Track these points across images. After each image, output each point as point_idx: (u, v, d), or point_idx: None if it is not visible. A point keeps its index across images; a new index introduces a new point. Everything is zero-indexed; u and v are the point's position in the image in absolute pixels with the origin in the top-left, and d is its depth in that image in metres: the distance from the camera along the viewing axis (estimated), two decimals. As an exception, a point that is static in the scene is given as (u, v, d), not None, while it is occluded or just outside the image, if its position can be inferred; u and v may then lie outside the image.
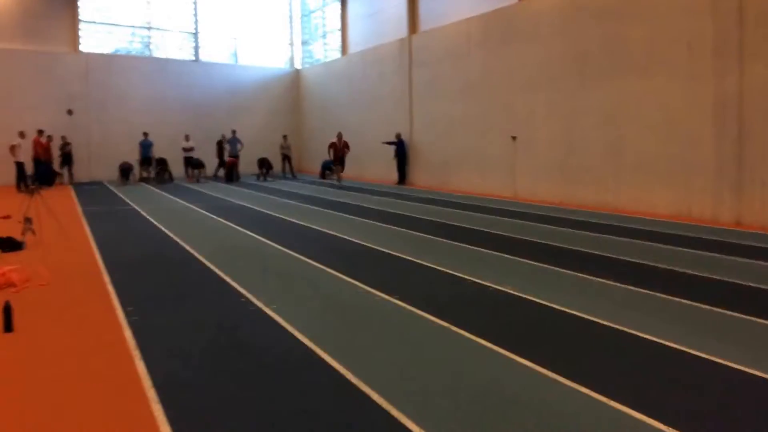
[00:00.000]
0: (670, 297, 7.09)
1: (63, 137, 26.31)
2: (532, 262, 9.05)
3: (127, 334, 5.93)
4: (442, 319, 6.31)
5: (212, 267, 9.01)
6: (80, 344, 5.69)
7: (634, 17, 14.97)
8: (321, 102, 31.38)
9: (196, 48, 31.29)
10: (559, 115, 17.22)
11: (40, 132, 25.28)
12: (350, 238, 11.38)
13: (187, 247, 10.61)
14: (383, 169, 25.84)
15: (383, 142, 25.10)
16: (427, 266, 8.89)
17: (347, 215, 14.75)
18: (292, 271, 8.70)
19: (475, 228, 12.57)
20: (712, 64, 13.40)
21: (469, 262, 9.17)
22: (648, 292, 7.33)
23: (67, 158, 26.10)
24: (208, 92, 31.18)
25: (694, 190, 13.89)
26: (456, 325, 6.07)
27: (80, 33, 28.20)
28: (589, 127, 16.30)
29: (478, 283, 7.86)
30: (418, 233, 11.96)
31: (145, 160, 26.97)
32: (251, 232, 12.34)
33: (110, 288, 7.86)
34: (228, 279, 8.24)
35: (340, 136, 24.16)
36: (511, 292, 7.39)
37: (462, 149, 21.18)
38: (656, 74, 14.53)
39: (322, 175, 28.06)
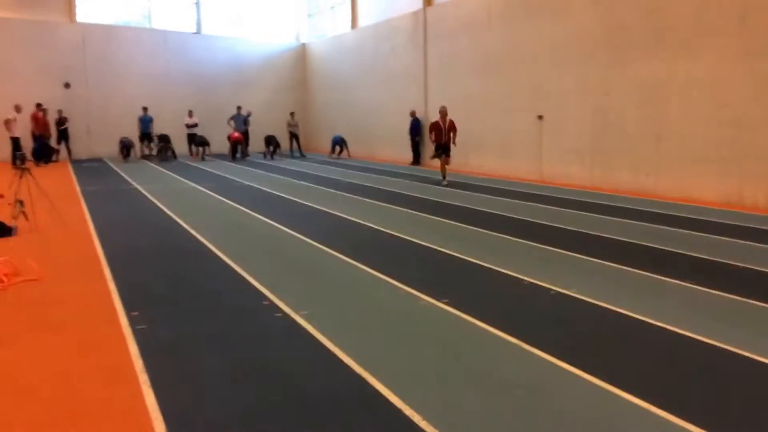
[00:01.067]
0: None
1: (59, 111, 25.06)
2: (567, 252, 8.03)
3: (133, 350, 4.88)
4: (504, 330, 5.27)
5: (227, 260, 7.96)
6: (74, 365, 4.64)
7: None
8: (329, 78, 30.12)
9: (199, 20, 29.98)
10: (591, 94, 16.04)
11: (39, 106, 24.11)
12: (374, 225, 10.31)
13: (197, 235, 9.55)
14: (396, 149, 24.66)
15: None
16: (466, 260, 7.85)
17: (365, 198, 13.66)
18: (317, 266, 7.65)
19: (530, 218, 11.50)
20: None
21: (533, 260, 8.13)
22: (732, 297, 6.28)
23: (63, 133, 24.88)
24: (211, 66, 29.90)
25: (747, 177, 12.75)
26: (528, 343, 5.02)
27: (77, 2, 26.87)
28: (625, 107, 15.14)
29: (552, 289, 6.82)
30: (447, 220, 10.91)
31: (145, 135, 25.89)
32: (265, 216, 11.26)
33: (111, 285, 6.81)
34: (246, 275, 7.20)
35: (444, 112, 16.69)
36: (614, 309, 6.34)
37: (482, 129, 20.03)
38: (704, 49, 13.34)
39: (333, 152, 26.86)
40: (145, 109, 25.97)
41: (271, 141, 26.41)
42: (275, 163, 24.17)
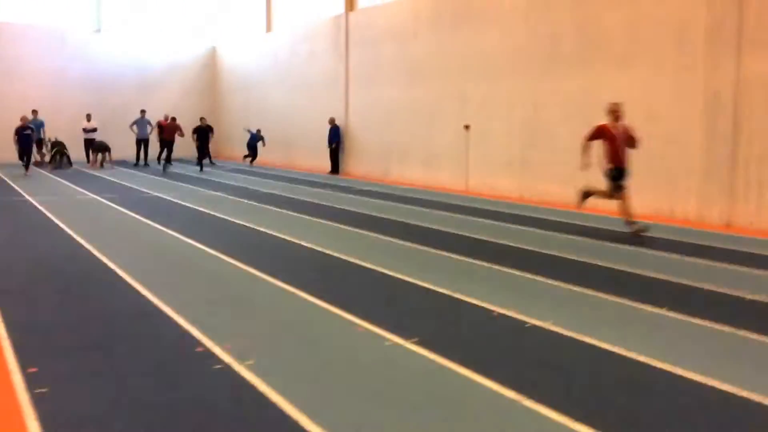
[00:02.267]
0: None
1: None
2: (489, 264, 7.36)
3: (32, 426, 3.74)
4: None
5: (141, 289, 6.79)
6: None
7: (613, 0, 13.49)
8: (241, 82, 28.75)
9: (99, 17, 27.99)
10: (520, 105, 15.60)
11: None
12: (306, 243, 9.32)
13: (102, 257, 8.28)
14: (314, 157, 23.63)
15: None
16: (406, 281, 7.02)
17: (290, 211, 12.63)
18: (249, 295, 6.65)
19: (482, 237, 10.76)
20: (704, 53, 12.05)
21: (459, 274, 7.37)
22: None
23: None
24: (113, 67, 27.95)
25: (678, 191, 12.59)
26: (533, 398, 4.21)
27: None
28: (555, 120, 14.76)
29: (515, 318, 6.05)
30: (383, 236, 10.05)
31: (36, 141, 23.38)
32: (178, 233, 10.05)
33: (1, 329, 5.55)
34: (166, 309, 6.08)
35: (616, 111, 10.78)
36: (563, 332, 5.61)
37: (406, 138, 19.34)
38: (638, 64, 13.08)
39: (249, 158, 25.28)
40: (35, 111, 23.58)
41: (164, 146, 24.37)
42: (179, 170, 22.66)
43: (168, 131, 23.92)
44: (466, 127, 17.00)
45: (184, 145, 25.94)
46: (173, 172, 22.17)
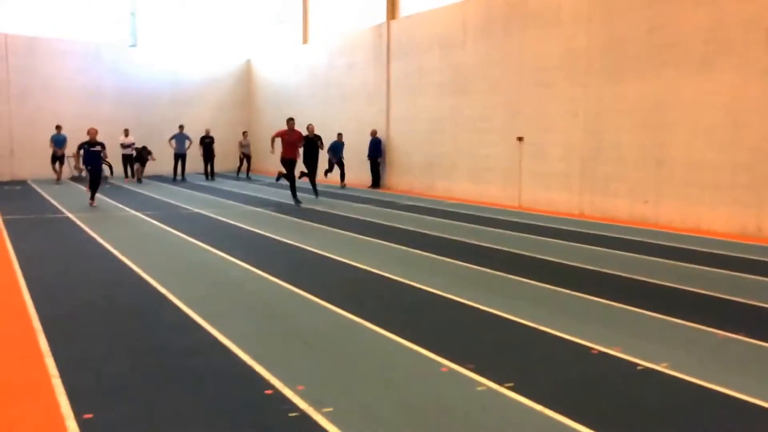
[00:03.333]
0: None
1: None
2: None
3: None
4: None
5: (197, 318, 6.11)
6: None
7: (691, 0, 12.55)
8: (277, 95, 28.25)
9: (134, 32, 27.73)
10: (580, 116, 14.75)
11: None
12: (368, 267, 8.59)
13: (153, 282, 7.60)
14: (354, 171, 22.93)
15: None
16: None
17: (338, 230, 11.95)
18: (316, 328, 5.91)
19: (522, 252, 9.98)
20: None
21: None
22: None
23: None
24: (148, 82, 27.63)
25: (766, 206, 11.56)
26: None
27: (-1, 9, 24.42)
28: (621, 130, 13.86)
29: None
30: (450, 259, 9.30)
31: (59, 157, 22.90)
32: (230, 254, 9.38)
33: (51, 366, 4.87)
34: (228, 343, 5.41)
35: None
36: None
37: (451, 150, 18.59)
38: (719, 67, 12.09)
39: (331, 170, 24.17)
40: (58, 127, 23.15)
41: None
42: (218, 185, 22.15)
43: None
44: (519, 138, 16.19)
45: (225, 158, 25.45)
46: (208, 185, 21.66)
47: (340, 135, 22.30)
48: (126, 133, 24.31)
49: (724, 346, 5.50)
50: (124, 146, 24.09)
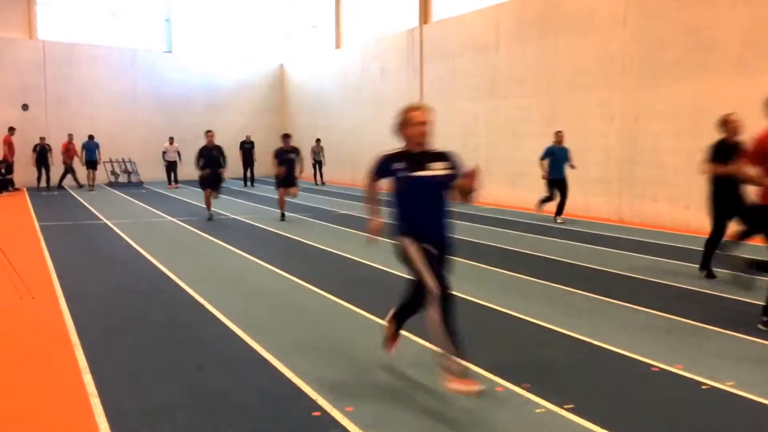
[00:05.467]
0: None
1: (41, 138, 22.83)
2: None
3: None
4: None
5: (241, 334, 5.97)
6: None
7: (730, 1, 12.18)
8: (310, 101, 28.26)
9: (170, 38, 27.98)
10: (619, 118, 14.46)
11: (11, 130, 21.96)
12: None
13: (204, 302, 7.27)
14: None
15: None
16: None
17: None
18: (353, 340, 5.77)
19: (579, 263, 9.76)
20: None
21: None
22: None
23: (43, 160, 22.54)
24: (182, 88, 27.81)
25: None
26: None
27: (37, 17, 24.75)
28: (660, 134, 13.56)
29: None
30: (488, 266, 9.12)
31: (90, 163, 23.17)
32: (264, 261, 9.31)
33: (87, 380, 4.79)
34: (270, 357, 5.26)
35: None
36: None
37: (486, 155, 18.37)
38: (759, 69, 11.76)
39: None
40: (90, 137, 23.35)
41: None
42: (258, 191, 22.20)
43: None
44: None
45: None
46: (245, 191, 21.72)
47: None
48: (171, 141, 24.46)
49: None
50: (167, 153, 24.24)
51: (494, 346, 5.71)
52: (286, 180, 14.45)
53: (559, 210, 13.94)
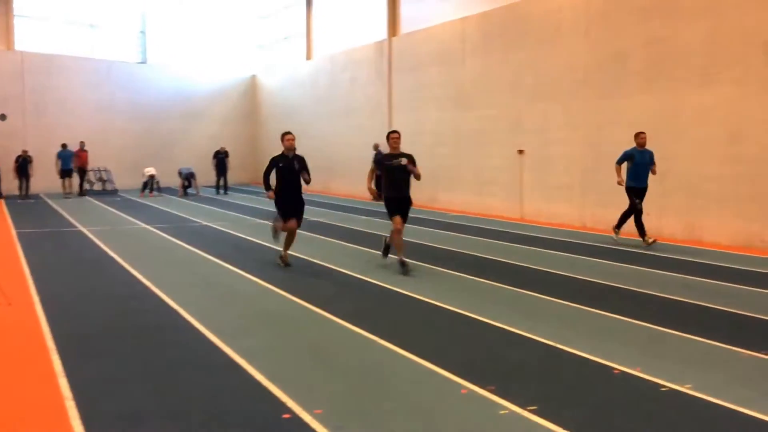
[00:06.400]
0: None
1: (24, 150, 23.11)
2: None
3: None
4: None
5: (211, 337, 6.30)
6: None
7: (690, 12, 12.74)
8: (281, 110, 28.81)
9: (144, 49, 28.41)
10: (581, 128, 15.06)
11: None
12: (378, 282, 9.01)
13: (171, 302, 7.83)
14: (355, 183, 23.45)
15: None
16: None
17: (347, 243, 12.38)
18: (323, 343, 6.22)
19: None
20: None
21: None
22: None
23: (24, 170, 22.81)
24: (157, 97, 28.31)
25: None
26: None
27: (15, 29, 25.06)
28: (622, 143, 14.13)
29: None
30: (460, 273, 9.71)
31: (65, 172, 23.48)
32: (236, 267, 9.79)
33: (63, 383, 4.95)
34: (245, 365, 5.41)
35: None
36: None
37: (453, 164, 19.03)
38: (719, 80, 12.31)
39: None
40: (63, 145, 23.59)
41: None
42: (231, 198, 22.63)
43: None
44: (520, 151, 16.60)
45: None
46: (223, 199, 22.17)
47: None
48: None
49: (748, 365, 5.52)
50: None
51: (460, 349, 5.93)
52: (399, 202, 9.76)
53: (623, 220, 12.20)
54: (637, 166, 11.84)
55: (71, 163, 23.46)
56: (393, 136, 9.93)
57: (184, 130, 28.87)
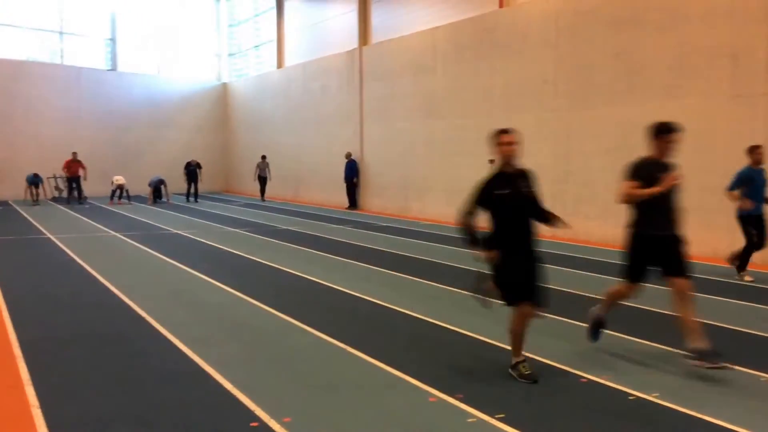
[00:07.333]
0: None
1: None
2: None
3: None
4: None
5: (180, 345, 6.26)
6: None
7: (658, 25, 12.94)
8: (252, 118, 28.78)
9: (114, 56, 28.17)
10: (551, 140, 15.22)
11: None
12: (342, 287, 9.00)
13: (139, 310, 7.76)
14: (326, 192, 23.50)
15: None
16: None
17: (315, 251, 12.39)
18: (289, 350, 6.24)
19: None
20: (765, 80, 11.45)
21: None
22: None
23: None
24: (126, 105, 28.09)
25: (736, 228, 11.83)
26: None
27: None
28: (590, 154, 14.36)
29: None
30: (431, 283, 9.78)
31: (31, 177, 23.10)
32: (201, 273, 9.76)
33: (29, 391, 4.95)
34: (213, 372, 5.41)
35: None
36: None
37: (425, 173, 19.15)
38: (685, 93, 12.52)
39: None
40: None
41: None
42: (201, 206, 22.49)
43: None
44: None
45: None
46: (195, 208, 22.04)
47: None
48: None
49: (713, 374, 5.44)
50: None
51: (428, 357, 5.93)
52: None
53: (745, 259, 9.99)
54: (756, 188, 9.69)
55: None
56: (507, 140, 5.76)
57: (153, 138, 28.67)
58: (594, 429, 4.40)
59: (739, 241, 10.24)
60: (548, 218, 5.70)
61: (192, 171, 24.93)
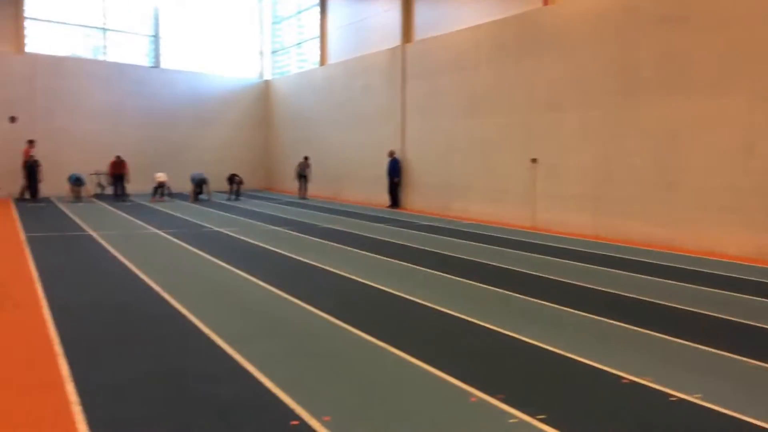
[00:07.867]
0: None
1: (31, 155, 23.09)
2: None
3: None
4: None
5: (221, 342, 6.21)
6: None
7: (706, 24, 12.62)
8: (294, 116, 28.73)
9: (157, 53, 28.35)
10: (594, 138, 14.90)
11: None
12: (385, 287, 8.79)
13: (187, 313, 7.60)
14: (368, 190, 23.31)
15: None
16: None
17: (367, 252, 12.15)
18: (333, 350, 6.02)
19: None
20: None
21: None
22: None
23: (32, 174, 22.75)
24: (170, 102, 28.26)
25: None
26: None
27: (26, 32, 25.04)
28: (635, 153, 13.97)
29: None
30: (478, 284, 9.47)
31: (74, 178, 23.28)
32: (249, 274, 9.62)
33: (70, 389, 4.86)
34: (253, 370, 5.35)
35: None
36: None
37: (467, 171, 18.82)
38: (733, 92, 12.17)
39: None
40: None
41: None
42: (243, 204, 22.47)
43: None
44: (533, 160, 16.39)
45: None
46: (235, 205, 22.02)
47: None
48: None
49: (756, 375, 5.45)
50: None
51: (470, 357, 5.83)
52: None
53: None
54: None
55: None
56: None
57: (195, 136, 28.82)
58: (635, 429, 4.30)
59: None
60: None
61: (232, 177, 24.82)
